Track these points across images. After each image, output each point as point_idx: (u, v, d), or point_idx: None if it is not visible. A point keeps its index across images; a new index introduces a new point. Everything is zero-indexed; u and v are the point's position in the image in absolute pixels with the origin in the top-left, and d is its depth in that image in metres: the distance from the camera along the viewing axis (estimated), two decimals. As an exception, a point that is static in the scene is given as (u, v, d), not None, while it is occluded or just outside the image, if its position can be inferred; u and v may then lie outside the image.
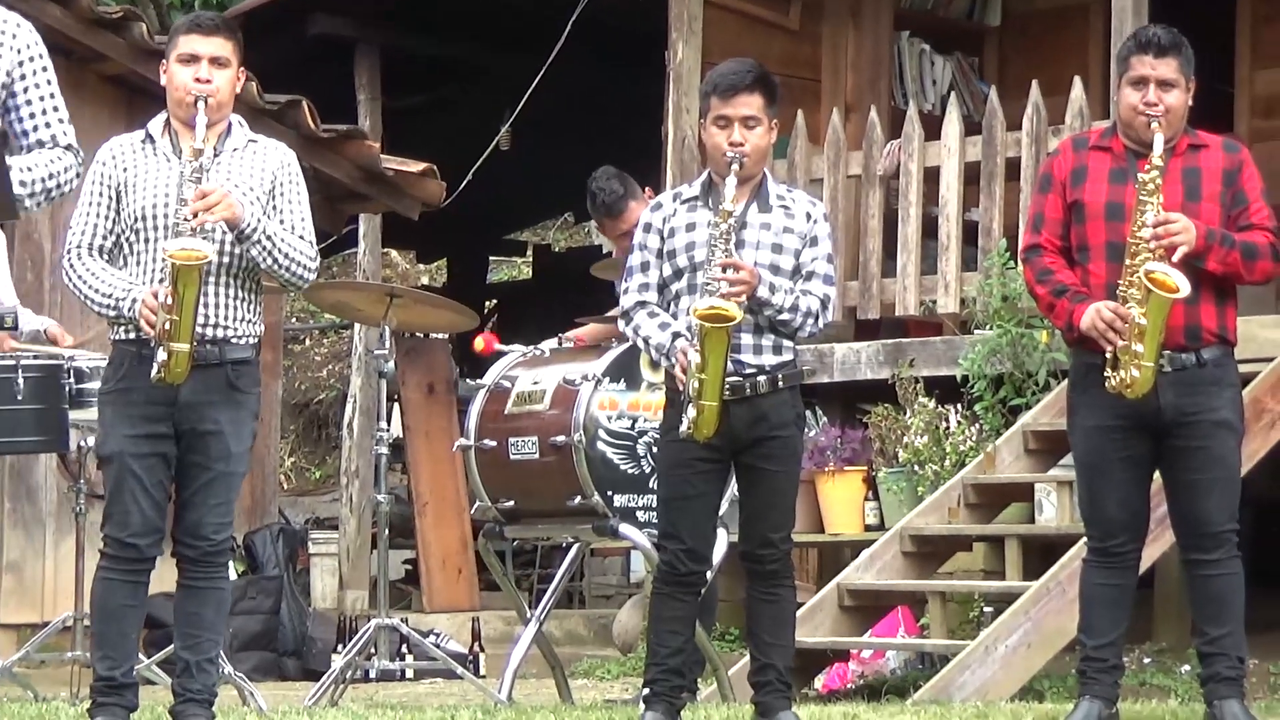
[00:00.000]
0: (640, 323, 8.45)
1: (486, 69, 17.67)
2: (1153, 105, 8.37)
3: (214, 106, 8.23)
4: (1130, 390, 8.20)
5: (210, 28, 8.31)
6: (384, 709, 10.21)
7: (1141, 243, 8.18)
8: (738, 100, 8.34)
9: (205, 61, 8.24)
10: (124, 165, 8.25)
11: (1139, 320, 8.12)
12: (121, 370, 8.28)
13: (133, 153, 8.28)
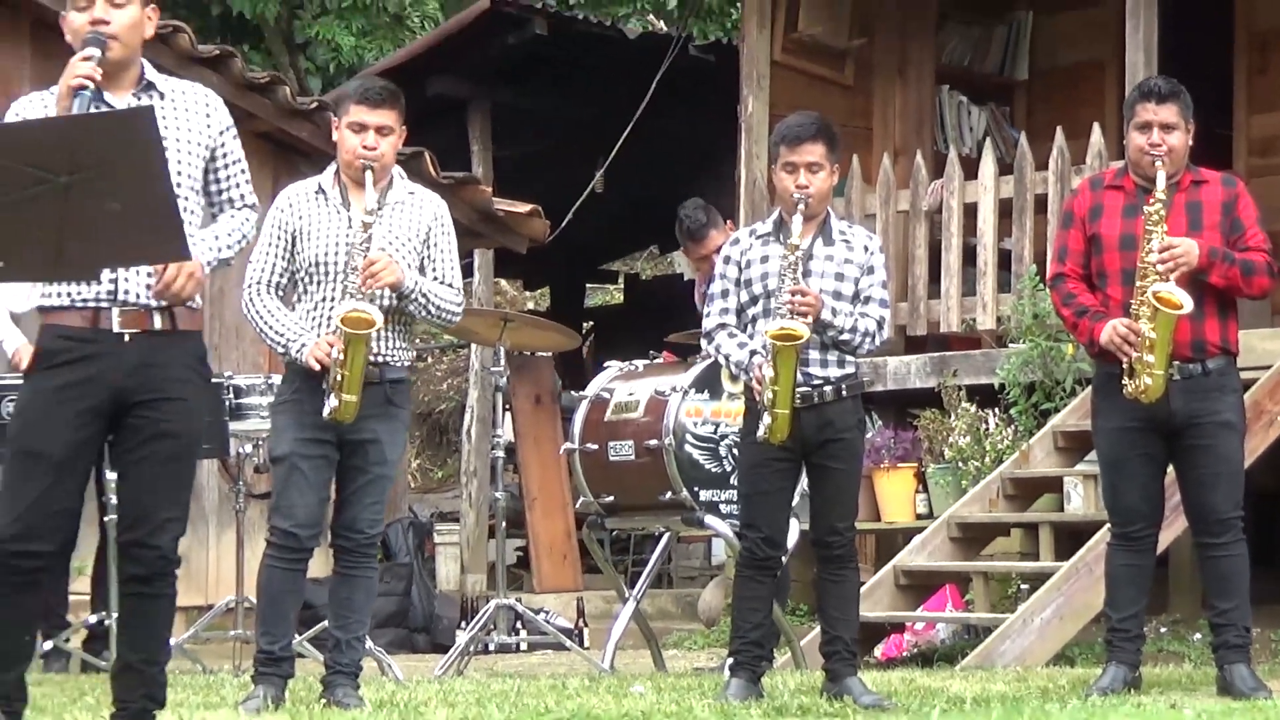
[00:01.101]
0: (721, 342, 8.51)
1: (582, 121, 17.67)
2: (1156, 146, 8.42)
3: (379, 171, 8.30)
4: (1145, 396, 8.26)
5: (376, 100, 8.36)
6: (503, 678, 10.21)
7: (1150, 266, 8.26)
8: (802, 149, 8.38)
9: (372, 131, 8.30)
10: (300, 213, 8.34)
11: (1150, 334, 8.21)
12: (295, 384, 8.38)
13: (307, 202, 8.38)
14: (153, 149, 5.81)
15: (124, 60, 6.42)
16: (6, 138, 5.93)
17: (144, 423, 6.30)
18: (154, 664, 6.43)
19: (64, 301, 6.33)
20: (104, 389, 6.28)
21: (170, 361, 6.34)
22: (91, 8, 6.34)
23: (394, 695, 8.89)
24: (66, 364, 6.30)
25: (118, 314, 6.31)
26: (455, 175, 14.58)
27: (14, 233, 5.78)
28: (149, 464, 6.31)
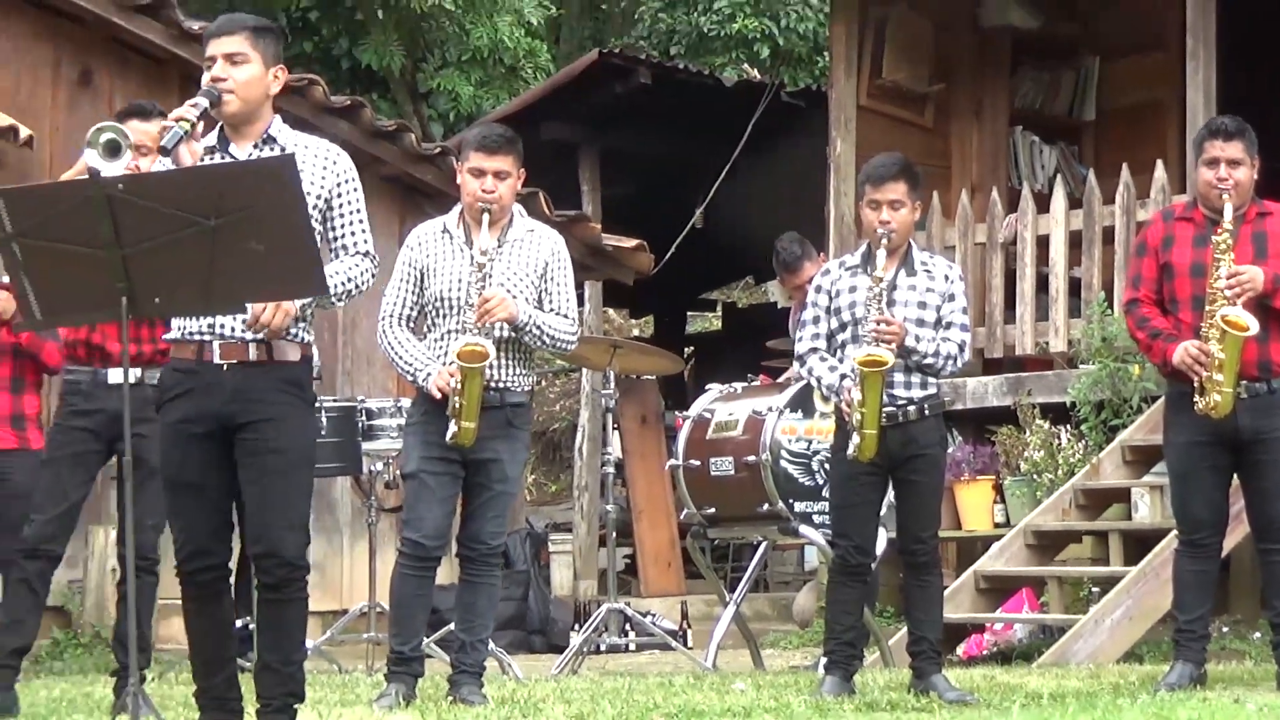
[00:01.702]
0: (813, 365, 8.52)
1: (683, 162, 17.68)
2: (1224, 180, 8.41)
3: (497, 211, 8.34)
4: (1215, 412, 8.25)
5: (494, 147, 8.40)
6: (614, 676, 10.22)
7: (1218, 292, 8.27)
8: (886, 187, 8.39)
9: (490, 175, 8.35)
10: (428, 252, 8.41)
11: (1219, 355, 8.20)
12: (423, 408, 8.44)
13: (434, 241, 8.44)
14: (293, 194, 5.86)
15: (243, 114, 6.48)
16: (159, 185, 5.98)
17: (249, 444, 6.36)
18: (291, 663, 6.46)
19: (178, 335, 6.45)
20: (211, 417, 6.37)
21: (265, 387, 6.38)
22: (214, 66, 6.45)
23: (514, 693, 8.91)
24: (179, 396, 6.42)
25: (218, 346, 6.37)
26: (567, 213, 14.60)
27: (168, 271, 5.84)
28: (259, 481, 6.37)
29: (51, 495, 8.47)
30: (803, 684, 9.05)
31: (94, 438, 8.42)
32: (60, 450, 8.50)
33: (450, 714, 7.77)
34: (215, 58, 6.44)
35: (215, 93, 6.38)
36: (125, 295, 5.84)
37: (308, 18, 21.46)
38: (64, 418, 8.55)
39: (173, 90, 13.40)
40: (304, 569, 6.48)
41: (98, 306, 6.05)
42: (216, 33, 6.51)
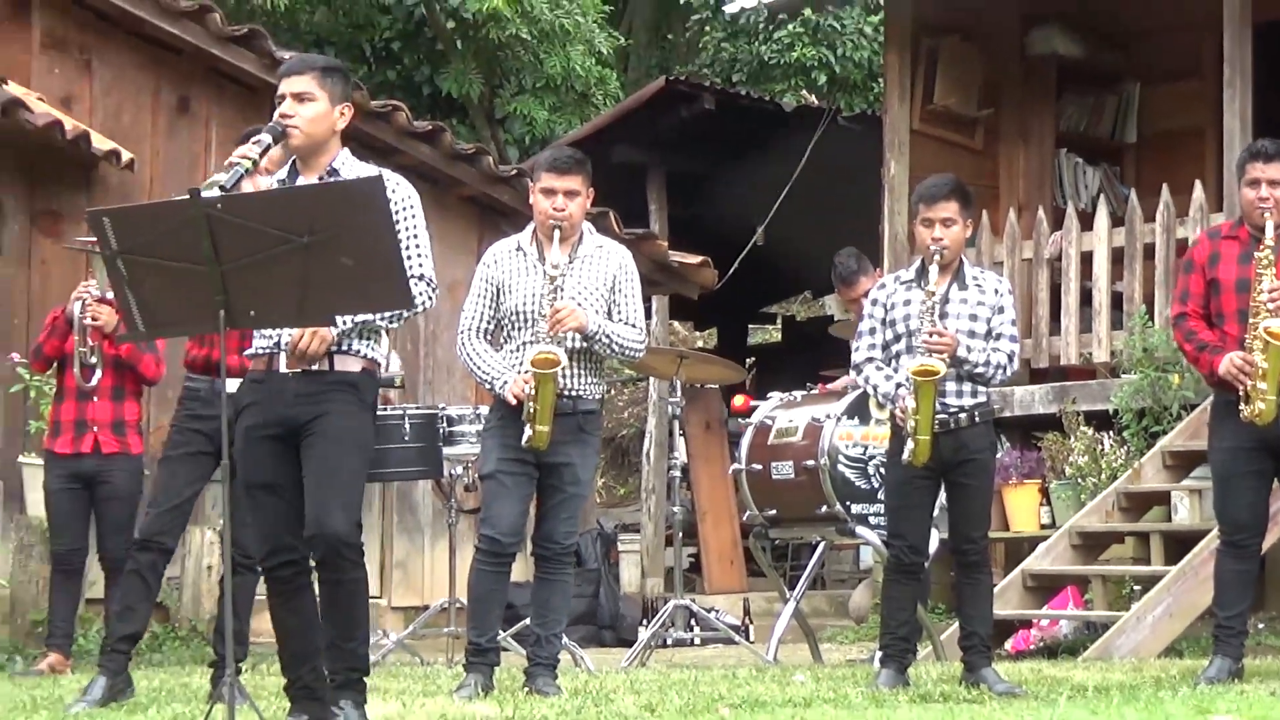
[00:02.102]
0: (870, 374, 8.53)
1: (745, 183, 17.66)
2: (1265, 200, 8.39)
3: (567, 229, 8.38)
4: (1260, 419, 8.26)
5: (564, 168, 8.47)
6: (680, 668, 10.21)
7: (1261, 305, 8.25)
8: (939, 206, 8.39)
9: (560, 194, 8.39)
10: (503, 269, 8.47)
11: (1262, 365, 8.20)
12: (500, 413, 8.50)
13: (509, 258, 8.50)
14: (381, 212, 5.88)
15: (308, 148, 6.56)
16: (255, 205, 6.02)
17: (308, 438, 6.43)
18: (351, 639, 6.48)
19: (253, 348, 6.55)
20: (278, 421, 6.46)
21: (324, 392, 6.45)
22: (283, 104, 6.56)
23: (586, 684, 8.92)
24: (252, 405, 6.50)
25: (284, 358, 6.45)
26: (636, 231, 14.61)
27: (263, 285, 5.87)
28: (313, 467, 6.42)
29: (166, 491, 8.55)
30: (859, 676, 9.04)
31: (208, 441, 8.49)
32: (177, 450, 8.59)
33: (526, 704, 7.77)
34: (285, 95, 6.55)
35: (279, 129, 6.48)
36: (223, 308, 5.88)
37: (391, 48, 21.54)
38: (182, 421, 8.65)
39: (265, 116, 13.40)
40: (353, 548, 6.47)
41: (197, 319, 6.09)
42: (287, 72, 6.62)
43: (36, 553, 11.96)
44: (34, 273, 12.90)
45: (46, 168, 12.86)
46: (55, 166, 12.85)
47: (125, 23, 13.32)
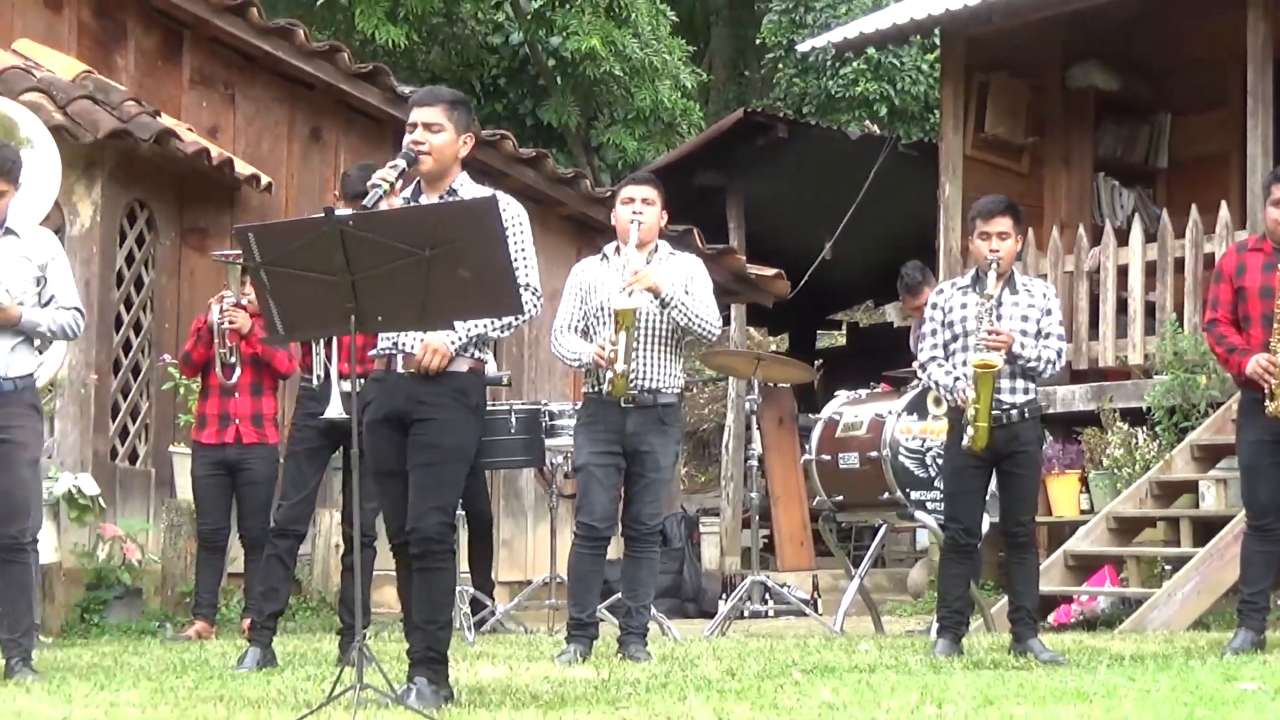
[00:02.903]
0: (932, 371, 8.58)
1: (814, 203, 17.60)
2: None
3: (644, 233, 8.46)
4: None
5: (643, 181, 8.68)
6: (756, 637, 10.22)
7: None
8: (995, 221, 8.42)
9: (638, 200, 8.47)
10: (589, 275, 8.57)
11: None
12: (590, 409, 8.55)
13: (594, 266, 8.62)
14: (496, 229, 5.89)
15: (435, 172, 6.54)
16: (383, 222, 6.03)
17: (415, 438, 6.42)
18: (434, 623, 6.46)
19: (376, 351, 6.54)
20: (395, 416, 6.45)
21: (435, 393, 6.43)
22: (414, 132, 6.52)
23: (673, 651, 8.93)
24: (372, 402, 6.51)
25: (401, 359, 6.45)
26: (717, 247, 14.62)
27: (389, 293, 5.89)
28: (416, 470, 6.41)
29: (295, 484, 8.59)
30: (918, 646, 9.03)
31: (323, 435, 8.54)
32: (298, 446, 8.63)
33: (621, 669, 7.78)
34: (416, 124, 6.53)
35: (412, 154, 6.48)
36: (353, 314, 5.90)
37: (498, 84, 21.60)
38: (300, 419, 8.68)
39: (388, 144, 13.52)
40: (443, 545, 6.47)
41: (330, 323, 6.12)
42: (419, 103, 6.60)
43: (184, 531, 12.03)
44: (183, 282, 12.98)
45: (194, 190, 12.94)
46: (202, 189, 12.93)
47: (265, 62, 13.40)
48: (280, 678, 7.55)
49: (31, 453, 7.93)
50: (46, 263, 7.91)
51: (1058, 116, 15.22)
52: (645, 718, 5.89)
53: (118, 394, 12.40)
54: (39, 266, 7.88)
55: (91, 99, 12.05)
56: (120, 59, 13.18)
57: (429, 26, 20.60)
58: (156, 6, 13.19)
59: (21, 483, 7.85)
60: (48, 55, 12.62)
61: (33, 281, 7.85)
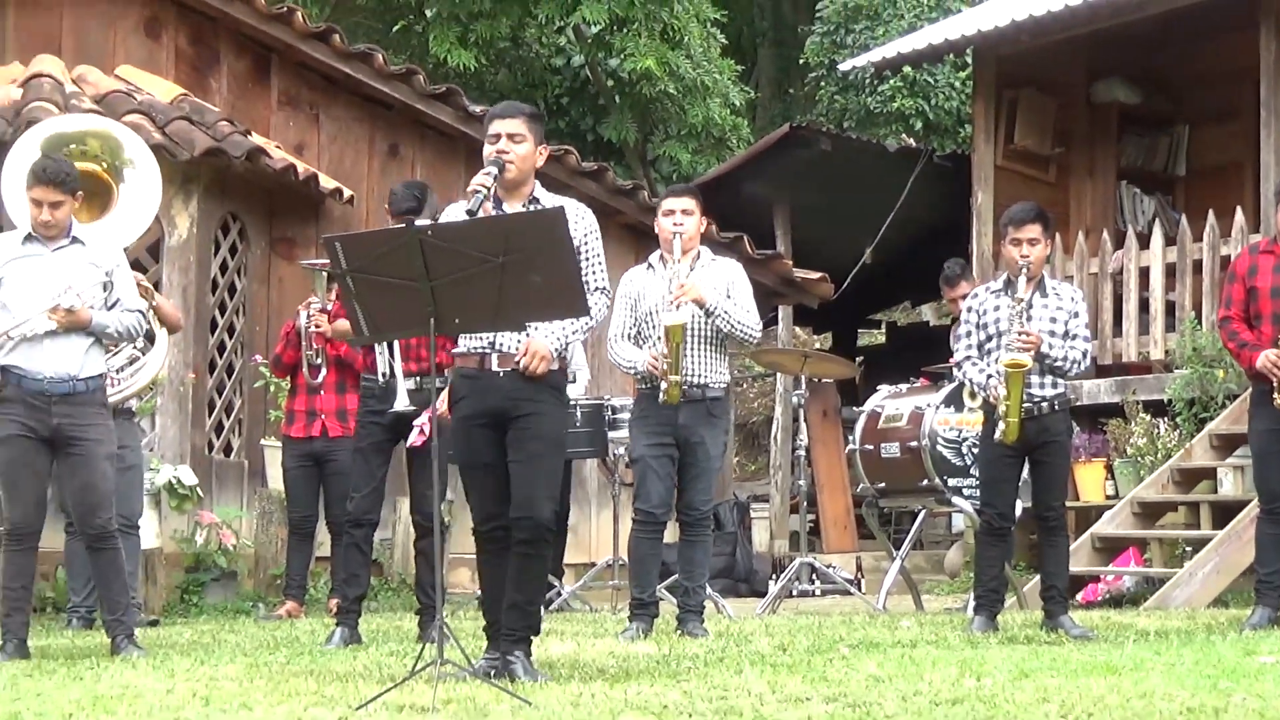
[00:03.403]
0: (967, 370, 8.55)
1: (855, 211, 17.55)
2: None
3: (686, 241, 8.47)
4: None
5: (682, 193, 8.70)
6: (805, 615, 10.20)
7: (1291, 309, 8.18)
8: (1025, 228, 8.38)
9: (678, 212, 8.46)
10: (637, 285, 8.58)
11: (1292, 360, 8.09)
12: (643, 405, 8.54)
13: (641, 275, 8.62)
14: (564, 238, 5.90)
15: (518, 180, 6.49)
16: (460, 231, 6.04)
17: (517, 433, 6.39)
18: (533, 604, 6.47)
19: (464, 349, 6.47)
20: (492, 412, 6.40)
21: (534, 390, 6.40)
22: (498, 142, 6.46)
23: (728, 627, 8.93)
24: (466, 398, 6.45)
25: (496, 358, 6.40)
26: (765, 252, 14.61)
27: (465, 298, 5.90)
28: (523, 462, 6.38)
29: (364, 477, 8.57)
30: (955, 622, 9.01)
31: (387, 430, 8.53)
32: (364, 441, 8.61)
33: (680, 645, 7.78)
34: (499, 135, 6.47)
35: (501, 162, 6.43)
36: (432, 317, 5.91)
37: (561, 102, 21.60)
38: (364, 416, 8.66)
39: (460, 158, 13.59)
40: (551, 531, 6.49)
41: (410, 325, 6.13)
42: (501, 114, 6.55)
43: (275, 518, 12.08)
44: (272, 289, 13.05)
45: (282, 203, 13.00)
46: (289, 202, 12.99)
47: (347, 84, 13.45)
48: (365, 654, 7.58)
49: (107, 448, 7.90)
50: (112, 269, 7.93)
51: (1083, 129, 15.16)
52: (705, 690, 5.88)
53: (213, 392, 12.48)
54: (105, 272, 7.89)
55: (188, 120, 12.12)
56: (214, 82, 13.25)
57: (497, 50, 20.60)
58: (246, 33, 13.26)
59: (103, 476, 7.86)
60: (148, 80, 12.71)
61: (100, 287, 7.86)
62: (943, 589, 13.74)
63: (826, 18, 20.74)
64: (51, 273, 7.75)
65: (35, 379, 7.68)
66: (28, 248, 7.82)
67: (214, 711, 5.51)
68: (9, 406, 7.71)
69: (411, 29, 20.69)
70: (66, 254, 7.82)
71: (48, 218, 7.76)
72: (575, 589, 11.46)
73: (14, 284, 7.73)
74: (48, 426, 7.70)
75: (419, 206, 8.35)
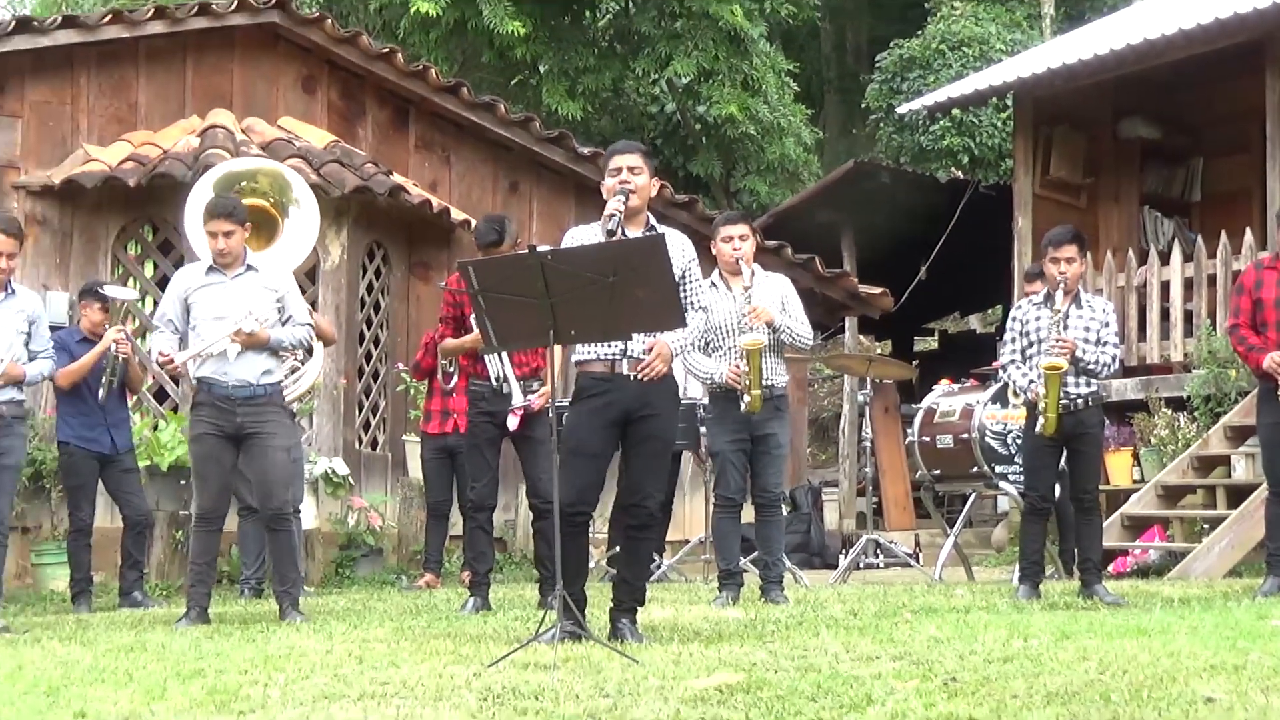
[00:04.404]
0: (1011, 372, 8.49)
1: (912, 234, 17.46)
2: None
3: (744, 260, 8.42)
4: None
5: (736, 220, 8.68)
6: (871, 584, 10.15)
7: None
8: (1063, 248, 8.31)
9: (736, 238, 8.45)
10: (706, 302, 8.43)
11: (1294, 362, 8.00)
12: (718, 406, 8.53)
13: (711, 290, 8.50)
14: (665, 261, 5.90)
15: (638, 208, 6.44)
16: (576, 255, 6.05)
17: (640, 430, 6.34)
18: (639, 579, 6.45)
19: (591, 356, 6.40)
20: (618, 409, 6.33)
21: (657, 391, 6.37)
22: (621, 174, 6.40)
23: (805, 596, 8.90)
24: (594, 395, 6.37)
25: (626, 364, 6.36)
26: (834, 271, 14.58)
27: (580, 313, 5.90)
28: (642, 456, 6.35)
29: (481, 468, 8.51)
30: (1003, 591, 8.93)
31: (496, 427, 8.47)
32: (477, 438, 8.53)
33: (764, 610, 7.77)
34: (621, 168, 6.39)
35: (626, 191, 6.35)
36: (551, 329, 5.92)
37: (655, 144, 21.59)
38: (474, 416, 8.55)
39: (570, 193, 13.63)
40: (658, 518, 6.47)
41: (532, 337, 6.14)
42: (622, 150, 6.47)
43: (415, 503, 12.17)
44: (410, 306, 13.13)
45: (419, 232, 13.09)
46: (425, 231, 13.07)
47: (473, 130, 13.54)
48: (494, 619, 7.61)
49: (283, 441, 8.06)
50: (283, 291, 8.04)
51: (1110, 161, 15.03)
52: (787, 650, 5.87)
53: (361, 394, 12.58)
54: (277, 294, 8.00)
55: (339, 162, 12.23)
56: (361, 130, 13.36)
57: (600, 100, 20.65)
58: (388, 88, 13.36)
59: (278, 465, 7.97)
60: (305, 129, 12.83)
61: (274, 309, 7.96)
62: (990, 561, 13.64)
63: (885, 68, 20.69)
64: (232, 298, 7.88)
65: (222, 386, 7.84)
66: (210, 277, 7.95)
67: (367, 668, 5.55)
68: (201, 410, 7.89)
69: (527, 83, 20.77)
70: (244, 280, 7.94)
71: (223, 246, 7.88)
72: (672, 563, 11.45)
73: (201, 309, 7.89)
74: (233, 425, 7.85)
75: (500, 239, 8.33)
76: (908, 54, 20.48)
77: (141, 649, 6.44)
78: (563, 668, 5.35)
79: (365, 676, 5.31)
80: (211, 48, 12.92)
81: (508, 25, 18.42)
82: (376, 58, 13.17)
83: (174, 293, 7.98)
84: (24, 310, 8.15)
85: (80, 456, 9.58)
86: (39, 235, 11.95)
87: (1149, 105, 14.78)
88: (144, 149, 12.15)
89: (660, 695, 4.74)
